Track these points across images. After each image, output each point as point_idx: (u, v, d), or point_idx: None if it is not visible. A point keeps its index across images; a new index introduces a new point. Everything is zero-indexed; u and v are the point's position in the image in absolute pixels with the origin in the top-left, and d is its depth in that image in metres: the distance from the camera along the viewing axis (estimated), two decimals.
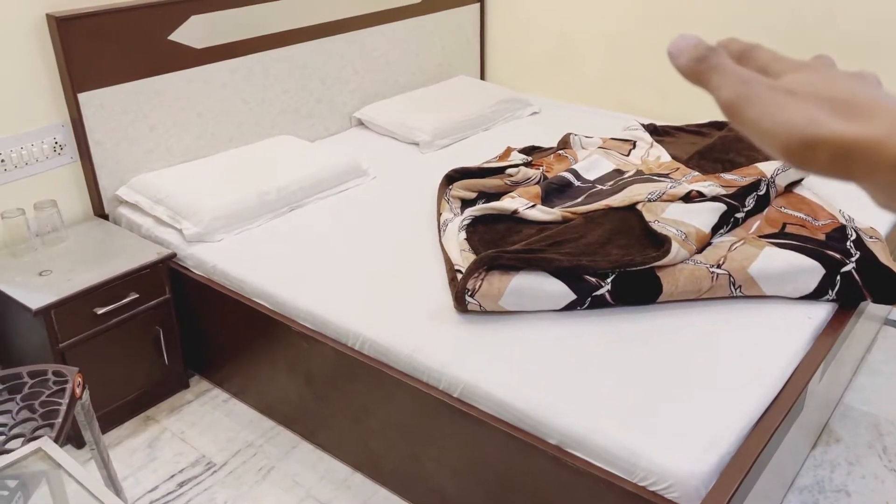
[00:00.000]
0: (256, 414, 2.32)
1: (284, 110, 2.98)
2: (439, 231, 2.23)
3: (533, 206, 2.20)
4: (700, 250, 1.98)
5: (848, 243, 1.97)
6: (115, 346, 2.20)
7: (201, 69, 2.64)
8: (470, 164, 2.61)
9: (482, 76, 3.85)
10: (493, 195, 2.43)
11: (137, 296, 2.20)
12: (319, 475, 2.09)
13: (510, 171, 2.49)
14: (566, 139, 2.79)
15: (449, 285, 1.97)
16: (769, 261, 1.90)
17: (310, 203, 2.55)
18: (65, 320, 2.06)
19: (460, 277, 1.88)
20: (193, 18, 2.57)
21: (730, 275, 1.88)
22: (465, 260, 1.98)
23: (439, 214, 2.30)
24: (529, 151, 2.77)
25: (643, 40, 3.26)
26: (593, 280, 1.86)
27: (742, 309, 1.88)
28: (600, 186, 2.40)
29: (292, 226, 2.40)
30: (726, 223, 2.11)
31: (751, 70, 0.38)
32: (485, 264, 1.87)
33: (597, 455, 1.51)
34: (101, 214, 2.50)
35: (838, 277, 1.87)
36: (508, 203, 2.21)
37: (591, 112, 3.38)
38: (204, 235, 2.30)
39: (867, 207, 2.12)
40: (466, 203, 2.42)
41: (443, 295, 1.97)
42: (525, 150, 2.78)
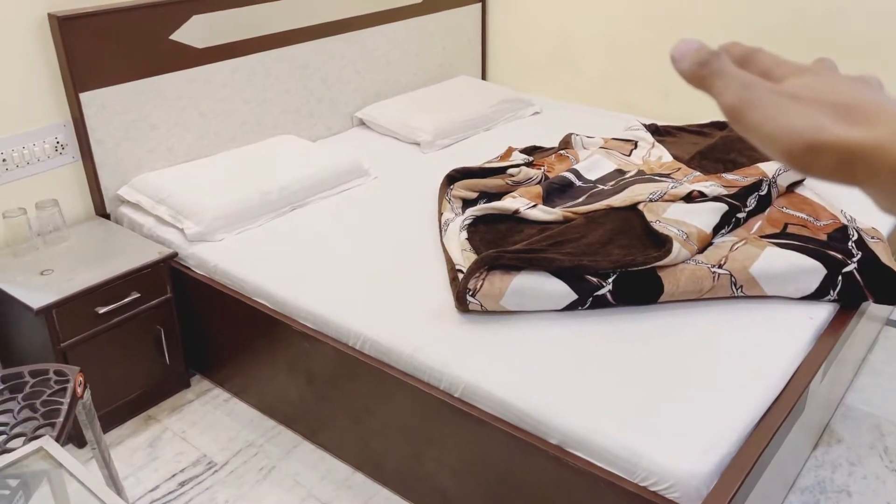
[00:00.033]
0: (257, 413, 2.33)
1: (286, 110, 2.98)
2: (440, 231, 2.23)
3: (534, 206, 2.20)
4: (701, 250, 1.98)
5: (850, 243, 1.97)
6: (117, 346, 2.20)
7: (203, 69, 2.64)
8: (471, 164, 2.61)
9: (483, 76, 3.85)
10: (495, 195, 2.43)
11: (139, 295, 2.20)
12: (320, 475, 2.09)
13: (511, 171, 2.49)
14: (567, 139, 2.79)
15: (450, 285, 1.97)
16: (771, 261, 1.89)
17: (311, 203, 2.55)
18: (66, 320, 2.06)
19: (461, 277, 1.88)
20: (195, 18, 2.57)
21: (731, 275, 1.88)
22: (467, 260, 1.98)
23: (440, 214, 2.31)
24: (531, 151, 2.77)
25: (644, 40, 3.26)
26: (594, 280, 1.86)
27: (743, 309, 1.88)
28: (602, 186, 2.40)
29: (294, 225, 2.40)
30: (728, 223, 2.11)
31: (753, 74, 0.39)
32: (486, 264, 1.87)
33: (598, 455, 1.51)
34: (103, 214, 2.50)
35: (840, 278, 1.87)
36: (510, 203, 2.21)
37: (593, 112, 3.38)
38: (205, 235, 2.31)
39: (869, 208, 2.11)
40: (468, 203, 2.42)
41: (444, 295, 1.97)
42: (526, 150, 2.78)
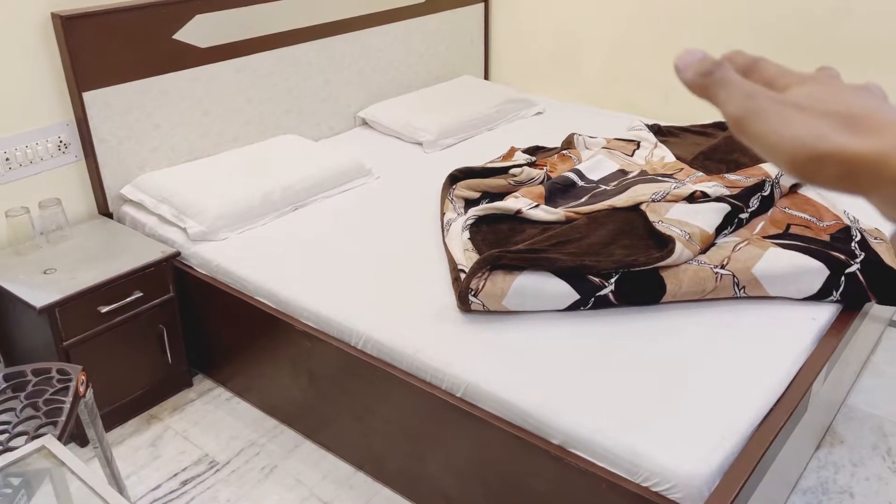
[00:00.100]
0: (259, 413, 2.33)
1: (289, 110, 2.98)
2: (443, 231, 2.23)
3: (536, 206, 2.20)
4: (704, 251, 1.98)
5: (852, 244, 1.97)
6: (119, 345, 2.20)
7: (206, 68, 2.65)
8: (474, 164, 2.61)
9: (486, 76, 3.85)
10: (497, 195, 2.43)
11: (141, 294, 2.20)
12: (322, 474, 2.09)
13: (514, 171, 2.49)
14: (570, 139, 2.79)
15: (452, 285, 1.97)
16: (773, 261, 1.89)
17: (314, 202, 2.55)
18: (69, 318, 2.06)
19: (464, 277, 1.88)
20: (198, 18, 2.57)
21: (734, 275, 1.88)
22: (469, 260, 1.98)
23: (443, 214, 2.30)
24: (533, 151, 2.77)
25: (647, 41, 3.26)
26: (597, 280, 1.86)
27: (746, 310, 1.87)
28: (604, 187, 2.40)
29: (296, 225, 2.41)
30: (730, 224, 2.10)
31: (756, 83, 0.39)
32: (488, 264, 1.87)
33: (600, 455, 1.51)
34: (106, 213, 2.51)
35: (842, 278, 1.87)
36: (512, 203, 2.21)
37: (595, 112, 3.37)
38: (208, 234, 2.31)
39: (872, 208, 2.11)
40: (470, 203, 2.42)
41: (446, 295, 1.97)
42: (529, 150, 2.77)
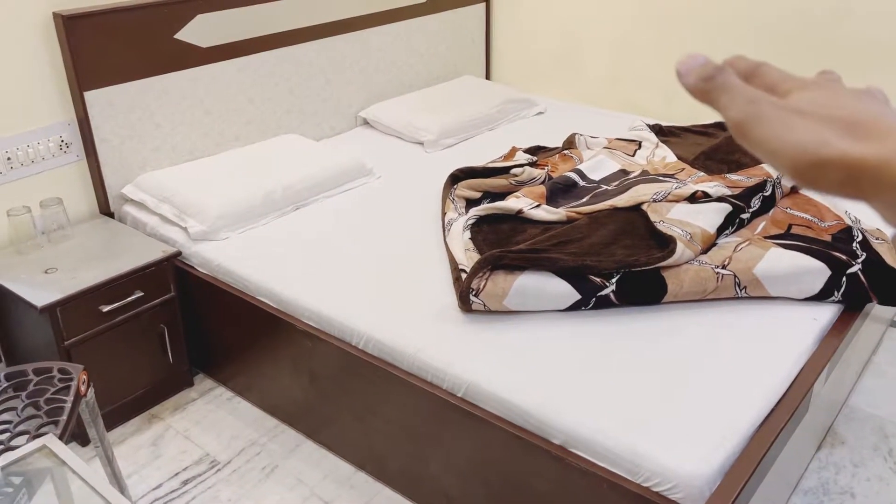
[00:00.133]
0: (260, 412, 2.33)
1: (290, 109, 2.98)
2: (444, 230, 2.23)
3: (538, 206, 2.20)
4: (705, 251, 1.98)
5: (854, 244, 1.97)
6: (120, 344, 2.20)
7: (207, 68, 2.65)
8: (475, 164, 2.61)
9: (487, 76, 3.85)
10: (498, 195, 2.43)
11: (142, 294, 2.20)
12: (323, 474, 2.09)
13: (515, 171, 2.49)
14: (571, 139, 2.79)
15: (453, 285, 1.97)
16: (775, 262, 1.89)
17: (315, 202, 2.55)
18: (70, 318, 2.06)
19: (465, 277, 1.88)
20: (199, 17, 2.57)
21: (735, 275, 1.88)
22: (470, 259, 1.98)
23: (444, 214, 2.30)
24: (534, 151, 2.77)
25: (649, 41, 3.26)
26: (598, 280, 1.86)
27: (747, 310, 1.87)
28: (605, 187, 2.39)
29: (297, 225, 2.41)
30: (732, 224, 2.10)
31: (758, 88, 0.39)
32: (489, 264, 1.87)
33: (601, 455, 1.51)
34: (107, 212, 2.51)
35: (844, 279, 1.86)
36: (513, 203, 2.21)
37: (597, 112, 3.37)
38: (209, 234, 2.31)
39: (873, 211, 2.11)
40: (471, 203, 2.42)
41: (447, 294, 1.97)
42: (530, 150, 2.77)
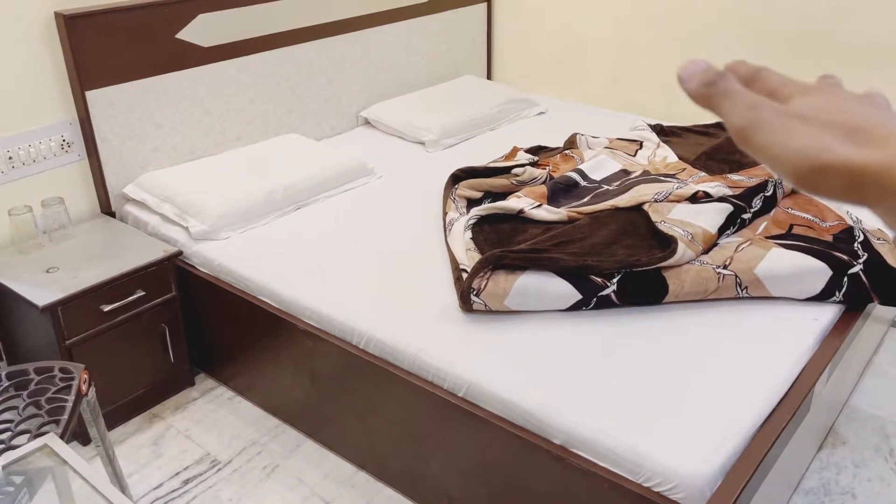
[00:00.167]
0: (261, 412, 2.33)
1: (291, 109, 2.98)
2: (445, 230, 2.23)
3: (539, 206, 2.20)
4: (706, 251, 1.98)
5: (855, 245, 1.97)
6: (122, 344, 2.21)
7: (208, 67, 2.65)
8: (476, 164, 2.61)
9: (489, 76, 3.85)
10: (499, 195, 2.42)
11: (144, 293, 2.20)
12: (324, 473, 2.09)
13: (516, 171, 2.49)
14: (572, 139, 2.79)
15: (454, 285, 1.97)
16: (776, 262, 1.89)
17: (316, 202, 2.55)
18: (71, 317, 2.06)
19: (466, 277, 1.88)
20: (200, 17, 2.57)
21: (736, 276, 1.88)
22: (471, 259, 1.98)
23: (445, 214, 2.30)
24: (536, 151, 2.77)
25: (650, 41, 3.26)
26: (599, 280, 1.86)
27: (748, 310, 1.87)
28: (606, 186, 2.39)
29: (298, 224, 2.41)
30: (733, 224, 2.10)
31: (759, 93, 0.39)
32: (490, 264, 1.87)
33: (601, 455, 1.51)
34: (108, 212, 2.51)
35: (845, 279, 1.86)
36: (514, 203, 2.21)
37: (598, 112, 3.37)
38: (210, 233, 2.31)
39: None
40: (472, 202, 2.42)
41: (448, 294, 1.97)
42: (531, 150, 2.77)
